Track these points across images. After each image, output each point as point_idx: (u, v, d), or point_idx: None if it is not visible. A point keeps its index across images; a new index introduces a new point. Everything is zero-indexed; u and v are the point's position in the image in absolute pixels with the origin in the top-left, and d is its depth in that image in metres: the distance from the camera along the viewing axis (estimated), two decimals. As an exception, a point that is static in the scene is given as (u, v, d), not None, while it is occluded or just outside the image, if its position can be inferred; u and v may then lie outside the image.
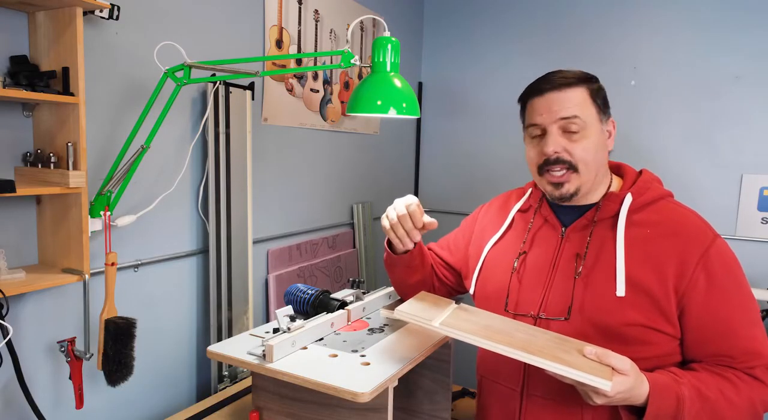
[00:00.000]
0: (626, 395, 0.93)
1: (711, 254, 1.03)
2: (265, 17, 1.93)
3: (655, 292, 1.03)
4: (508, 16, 2.79)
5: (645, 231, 1.07)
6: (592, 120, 1.09)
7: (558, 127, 1.09)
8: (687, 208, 1.13)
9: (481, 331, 0.98)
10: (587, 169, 1.10)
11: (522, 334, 1.00)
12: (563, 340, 1.01)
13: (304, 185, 2.23)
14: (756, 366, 1.02)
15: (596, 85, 1.13)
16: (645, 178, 1.16)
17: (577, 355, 0.94)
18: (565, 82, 1.09)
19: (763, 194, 2.30)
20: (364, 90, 1.26)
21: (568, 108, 1.08)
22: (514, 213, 1.27)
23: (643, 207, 1.11)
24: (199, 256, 1.77)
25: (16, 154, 1.29)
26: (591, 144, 1.09)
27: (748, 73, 2.30)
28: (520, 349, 0.91)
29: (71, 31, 1.21)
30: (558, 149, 1.09)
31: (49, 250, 1.33)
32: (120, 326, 1.36)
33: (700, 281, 1.02)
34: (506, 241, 1.26)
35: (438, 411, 1.29)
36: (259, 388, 1.15)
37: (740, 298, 1.04)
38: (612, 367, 0.93)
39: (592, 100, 1.10)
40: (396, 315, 1.04)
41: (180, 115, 1.65)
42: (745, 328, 1.03)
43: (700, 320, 1.03)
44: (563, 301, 1.09)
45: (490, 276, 1.24)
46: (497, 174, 2.87)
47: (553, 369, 0.90)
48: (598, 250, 1.10)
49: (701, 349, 1.05)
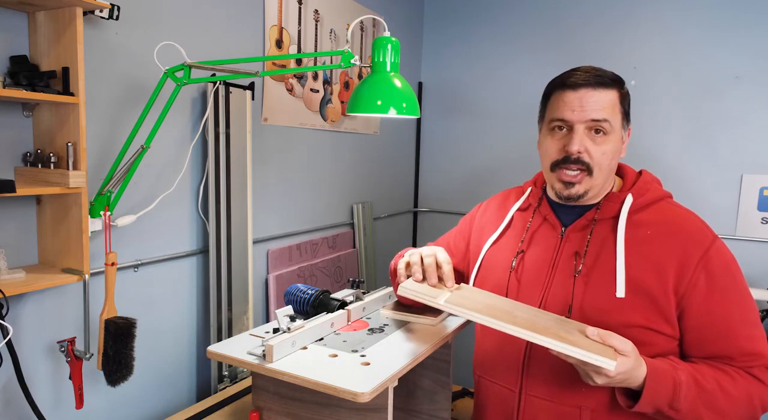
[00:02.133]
0: (626, 376, 0.94)
1: (711, 255, 1.03)
2: (265, 17, 1.93)
3: (655, 293, 1.03)
4: (508, 16, 2.79)
5: (645, 232, 1.07)
6: (617, 125, 1.08)
7: (586, 126, 1.07)
8: (686, 209, 1.13)
9: (486, 309, 0.97)
10: (601, 173, 1.09)
11: (523, 313, 1.00)
12: (564, 321, 1.01)
13: (304, 185, 2.24)
14: (754, 366, 1.02)
15: (626, 89, 1.11)
16: (645, 179, 1.15)
17: (579, 335, 0.94)
18: (601, 81, 1.06)
19: (763, 194, 2.30)
20: (364, 90, 1.26)
21: (601, 109, 1.06)
22: (513, 212, 1.27)
23: (643, 208, 1.11)
24: (199, 256, 1.77)
25: (16, 154, 1.29)
26: (611, 149, 1.08)
27: (748, 73, 2.30)
28: (525, 328, 0.91)
29: (71, 31, 1.21)
30: (582, 149, 1.07)
31: (49, 250, 1.33)
32: (120, 326, 1.36)
33: (700, 282, 1.02)
34: (505, 240, 1.25)
35: (438, 411, 1.29)
36: (259, 388, 1.15)
37: (739, 299, 1.04)
38: (614, 348, 0.93)
39: (620, 104, 1.09)
40: (400, 291, 1.03)
41: (180, 115, 1.65)
42: (744, 328, 1.03)
43: (699, 321, 1.03)
44: (563, 301, 1.09)
45: (488, 275, 1.24)
46: (497, 174, 2.87)
47: (558, 348, 0.89)
48: (597, 250, 1.10)
49: (700, 349, 1.05)
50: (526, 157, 2.64)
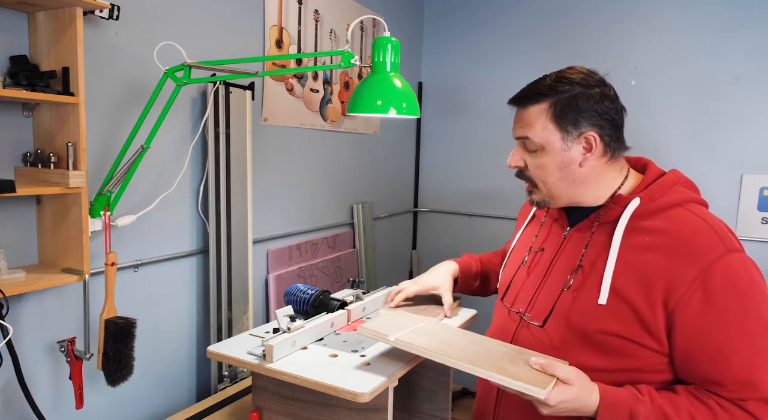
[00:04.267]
0: (573, 405, 0.92)
1: (713, 271, 0.94)
2: (265, 17, 1.93)
3: (638, 304, 0.97)
4: (508, 16, 2.79)
5: (643, 239, 1.01)
6: (549, 139, 1.04)
7: (520, 142, 1.10)
8: (702, 219, 1.01)
9: (437, 345, 1.01)
10: (546, 186, 1.09)
11: (478, 347, 1.03)
12: (520, 353, 1.02)
13: (304, 185, 2.23)
14: (747, 399, 0.93)
15: (565, 96, 1.03)
16: (665, 181, 1.06)
17: (524, 366, 0.96)
18: (525, 97, 1.08)
19: (763, 194, 2.30)
20: (364, 90, 1.26)
21: (522, 127, 1.08)
22: (535, 209, 1.29)
23: (652, 213, 1.03)
24: (199, 256, 1.77)
25: (16, 154, 1.29)
26: (548, 163, 1.06)
27: (748, 73, 2.29)
28: (464, 361, 0.95)
29: (71, 31, 1.21)
30: (518, 164, 1.11)
31: (49, 250, 1.33)
32: (120, 326, 1.36)
33: (693, 299, 0.94)
34: (525, 236, 1.29)
35: (438, 411, 1.29)
36: (259, 388, 1.15)
37: (744, 321, 0.93)
38: (556, 377, 0.92)
39: (552, 118, 1.04)
40: (359, 331, 1.08)
41: (180, 115, 1.65)
42: (743, 355, 0.93)
43: (689, 340, 0.95)
44: (546, 308, 1.10)
45: (507, 269, 1.28)
46: (497, 174, 2.87)
47: (492, 379, 0.92)
48: (594, 253, 1.07)
49: (689, 371, 0.98)
50: (526, 157, 2.64)
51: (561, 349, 1.05)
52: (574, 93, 1.04)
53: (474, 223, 2.98)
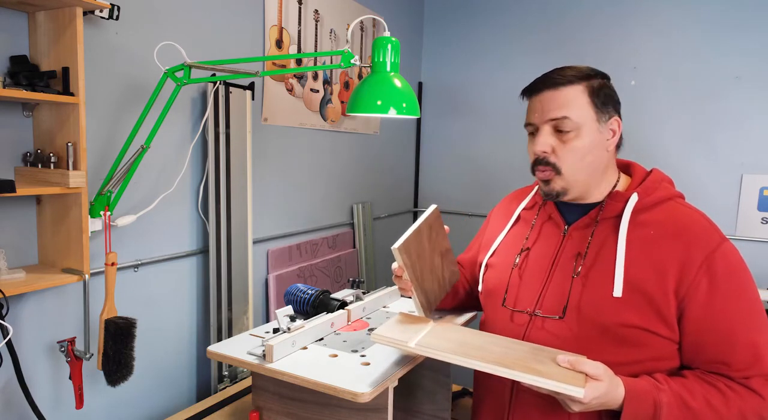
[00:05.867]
0: (602, 400, 0.93)
1: (715, 258, 1.01)
2: (265, 17, 1.93)
3: (653, 294, 1.01)
4: (508, 16, 2.79)
5: (648, 232, 1.06)
6: (586, 120, 1.07)
7: (550, 126, 1.09)
8: (695, 210, 1.09)
9: (458, 348, 0.99)
10: (573, 171, 1.09)
11: (498, 347, 1.01)
12: (539, 350, 1.01)
13: (304, 185, 2.23)
14: (752, 376, 0.99)
15: (598, 81, 1.09)
16: (654, 178, 1.13)
17: (551, 364, 0.95)
18: (561, 81, 1.08)
19: (763, 194, 2.30)
20: (364, 90, 1.26)
21: (558, 108, 1.07)
22: (520, 210, 1.28)
23: (649, 207, 1.09)
24: (199, 256, 1.77)
25: (16, 154, 1.29)
26: (582, 145, 1.07)
27: (748, 74, 2.30)
28: (493, 363, 0.93)
29: (71, 31, 1.21)
30: (546, 149, 1.09)
31: (49, 250, 1.33)
32: (120, 326, 1.36)
33: (701, 285, 1.00)
34: (510, 238, 1.26)
35: (438, 411, 1.29)
36: (259, 388, 1.15)
37: (744, 303, 1.01)
38: (585, 374, 0.93)
39: (589, 98, 1.08)
40: (373, 339, 1.03)
41: (180, 115, 1.65)
42: (746, 334, 1.00)
43: (698, 324, 1.01)
44: (560, 300, 1.09)
45: (494, 273, 1.25)
46: (497, 174, 2.87)
47: (526, 380, 0.91)
48: (598, 249, 1.09)
49: (698, 354, 1.02)
50: (525, 157, 2.62)
51: (581, 341, 1.05)
52: (600, 80, 1.10)
53: (474, 223, 2.98)
